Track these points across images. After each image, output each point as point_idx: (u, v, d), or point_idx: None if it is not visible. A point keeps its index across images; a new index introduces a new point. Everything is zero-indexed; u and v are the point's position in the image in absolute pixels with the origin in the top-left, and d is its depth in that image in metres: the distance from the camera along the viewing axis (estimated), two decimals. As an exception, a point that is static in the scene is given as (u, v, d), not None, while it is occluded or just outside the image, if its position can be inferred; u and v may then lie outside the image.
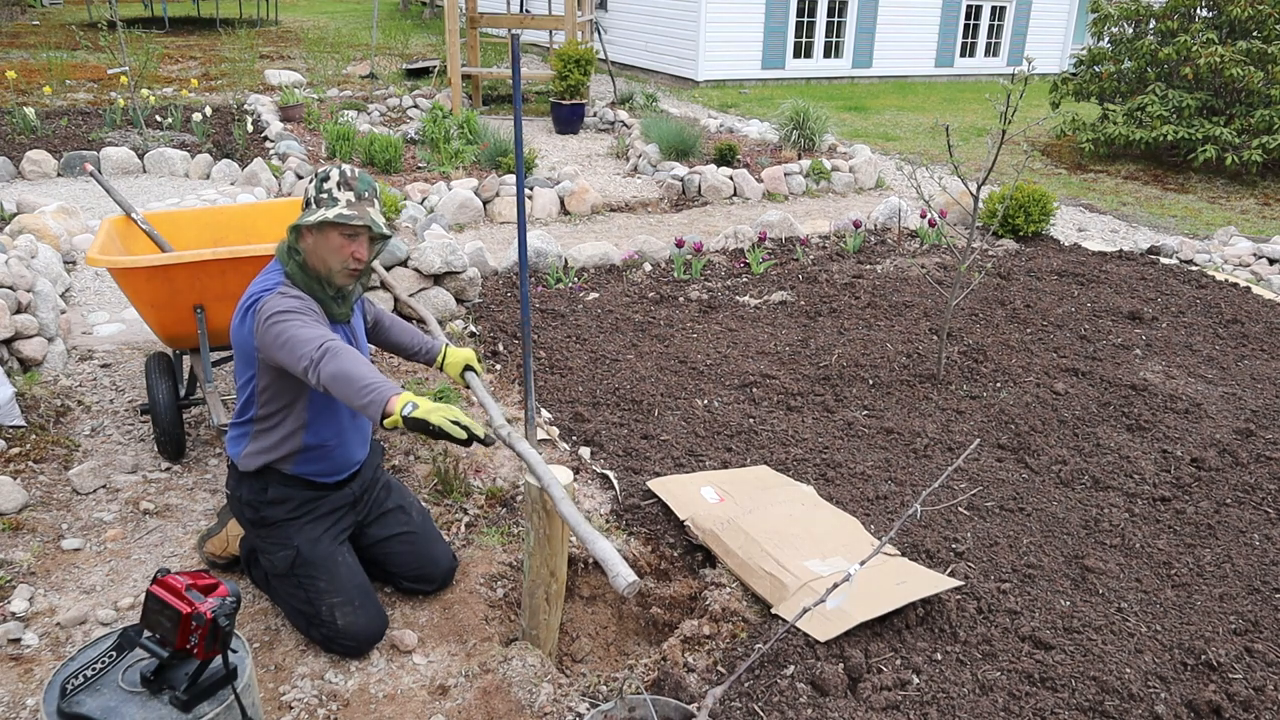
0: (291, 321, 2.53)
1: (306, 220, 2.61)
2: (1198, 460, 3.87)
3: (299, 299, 2.61)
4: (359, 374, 2.38)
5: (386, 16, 21.46)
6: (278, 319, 2.53)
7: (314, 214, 2.61)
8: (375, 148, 8.06)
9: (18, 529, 3.18)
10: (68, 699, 1.98)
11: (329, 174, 2.65)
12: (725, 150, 8.70)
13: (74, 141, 8.36)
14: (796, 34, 15.02)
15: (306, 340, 2.47)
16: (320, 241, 2.63)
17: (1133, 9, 10.64)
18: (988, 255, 6.67)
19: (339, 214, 2.59)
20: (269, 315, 2.54)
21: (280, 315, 2.53)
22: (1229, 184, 9.55)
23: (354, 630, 2.68)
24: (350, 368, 2.40)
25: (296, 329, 2.51)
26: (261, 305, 2.58)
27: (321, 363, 2.41)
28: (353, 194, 2.63)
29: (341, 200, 2.61)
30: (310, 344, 2.46)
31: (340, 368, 2.40)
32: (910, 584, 2.80)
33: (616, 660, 2.97)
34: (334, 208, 2.59)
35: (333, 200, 2.61)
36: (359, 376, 2.37)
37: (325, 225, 2.60)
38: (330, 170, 2.66)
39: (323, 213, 2.59)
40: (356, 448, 2.89)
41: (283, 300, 2.58)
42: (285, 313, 2.54)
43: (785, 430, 4.01)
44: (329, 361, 2.41)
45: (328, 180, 2.63)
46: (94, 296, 5.35)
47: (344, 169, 2.66)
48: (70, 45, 13.72)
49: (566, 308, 5.34)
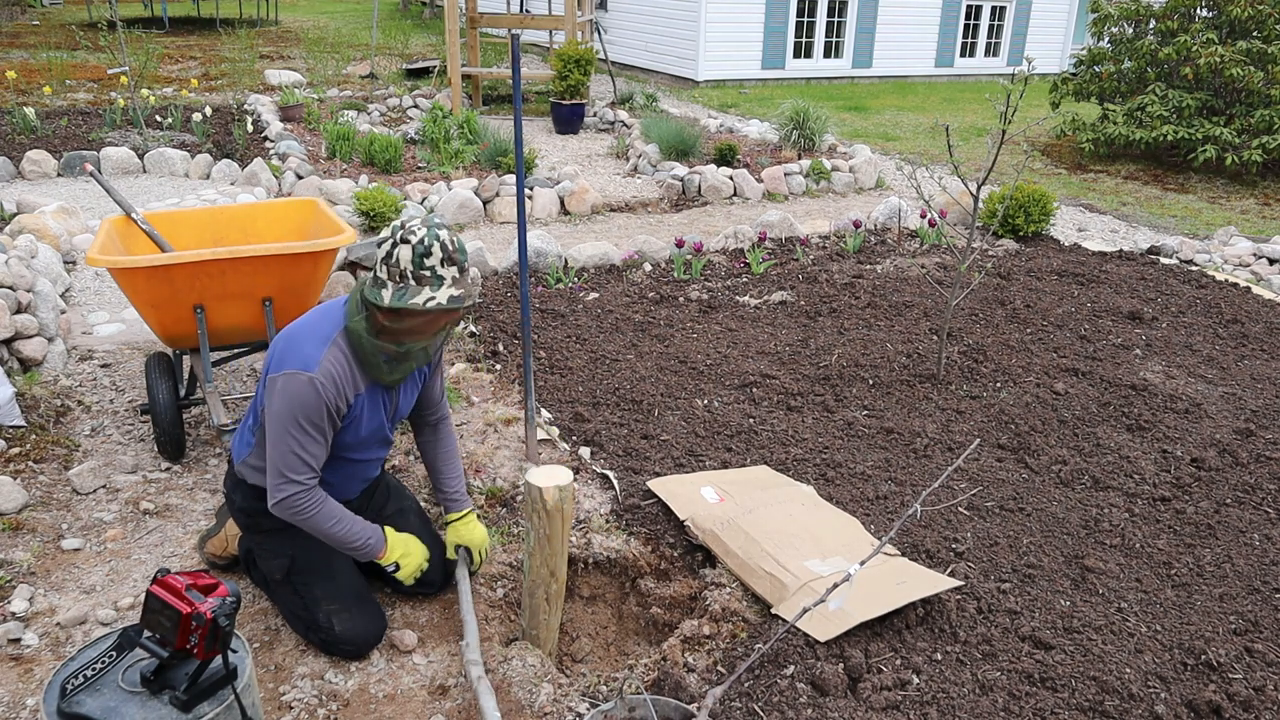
0: (292, 434, 2.43)
1: (412, 303, 2.34)
2: (1198, 460, 3.87)
3: (327, 391, 2.43)
4: (342, 534, 2.58)
5: (386, 16, 21.46)
6: (284, 421, 2.42)
7: (418, 294, 2.35)
8: (375, 148, 8.06)
9: (18, 529, 3.18)
10: (68, 699, 1.98)
11: (429, 248, 2.34)
12: (725, 150, 8.70)
13: (74, 141, 8.36)
14: (796, 34, 15.02)
15: (285, 467, 2.45)
16: (422, 321, 2.42)
17: (1133, 9, 10.64)
18: (988, 255, 6.67)
19: (451, 298, 2.37)
20: (285, 406, 2.41)
21: (287, 419, 2.42)
22: (1229, 184, 9.55)
23: (352, 636, 2.68)
24: (324, 528, 2.55)
25: (288, 445, 2.44)
26: (286, 382, 2.41)
27: (288, 508, 2.50)
28: (456, 269, 2.38)
29: (448, 278, 2.37)
30: (286, 473, 2.46)
31: (314, 526, 2.54)
32: (910, 584, 2.80)
33: (616, 660, 2.97)
34: (441, 287, 2.36)
35: (438, 279, 2.36)
36: (343, 535, 2.58)
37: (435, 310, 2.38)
38: (430, 242, 2.34)
39: (432, 295, 2.35)
40: (356, 487, 2.86)
41: (304, 394, 2.40)
42: (292, 420, 2.42)
43: (785, 430, 4.01)
44: (299, 514, 2.51)
45: (429, 256, 2.34)
46: (94, 296, 5.35)
47: (444, 240, 2.36)
48: (70, 45, 13.72)
49: (566, 308, 5.34)
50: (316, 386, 2.42)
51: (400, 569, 2.71)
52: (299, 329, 2.52)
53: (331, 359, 2.46)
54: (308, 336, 2.48)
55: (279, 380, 2.43)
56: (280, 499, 2.49)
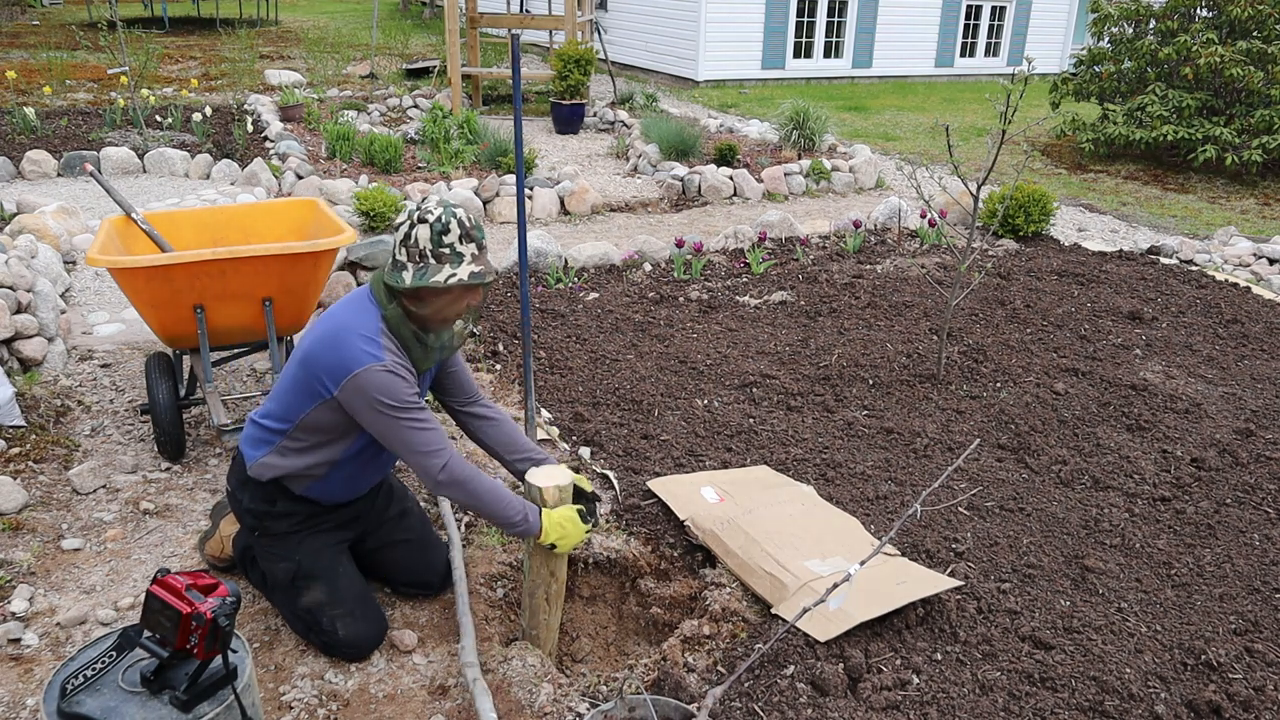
0: (406, 422, 2.42)
1: (433, 281, 2.37)
2: (1198, 460, 3.87)
3: (403, 376, 2.44)
4: (504, 505, 2.51)
5: (386, 16, 21.46)
6: (392, 416, 2.41)
7: (439, 272, 2.38)
8: (375, 148, 8.06)
9: (18, 529, 3.18)
10: (68, 699, 1.98)
11: (447, 225, 2.37)
12: (725, 150, 8.70)
13: (74, 141, 8.36)
14: (796, 34, 15.02)
15: (423, 450, 2.44)
16: (444, 300, 2.45)
17: (1133, 9, 10.64)
18: (988, 255, 6.67)
19: (472, 274, 2.40)
20: (378, 405, 2.40)
21: (393, 413, 2.41)
22: (1229, 184, 9.55)
23: (355, 639, 2.68)
24: (490, 499, 2.50)
25: (411, 433, 2.43)
26: (365, 382, 2.39)
27: (447, 483, 2.47)
28: (475, 246, 2.42)
29: (467, 255, 2.40)
30: (429, 457, 2.44)
31: (482, 503, 2.50)
32: (910, 584, 2.80)
33: (616, 660, 2.97)
34: (461, 264, 2.39)
35: (457, 256, 2.39)
36: (504, 510, 2.51)
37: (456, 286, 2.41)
38: (447, 220, 2.38)
39: (453, 272, 2.38)
40: (373, 479, 2.84)
41: (392, 384, 2.40)
42: (397, 409, 2.41)
43: (785, 430, 4.01)
44: (457, 485, 2.48)
45: (447, 233, 2.37)
46: (94, 296, 5.35)
47: (460, 217, 2.40)
48: (70, 45, 13.72)
49: (566, 308, 5.34)
50: (395, 372, 2.42)
51: (558, 546, 2.57)
52: (338, 331, 2.46)
53: (389, 347, 2.46)
54: (354, 336, 2.44)
55: (352, 384, 2.40)
56: (440, 480, 2.46)
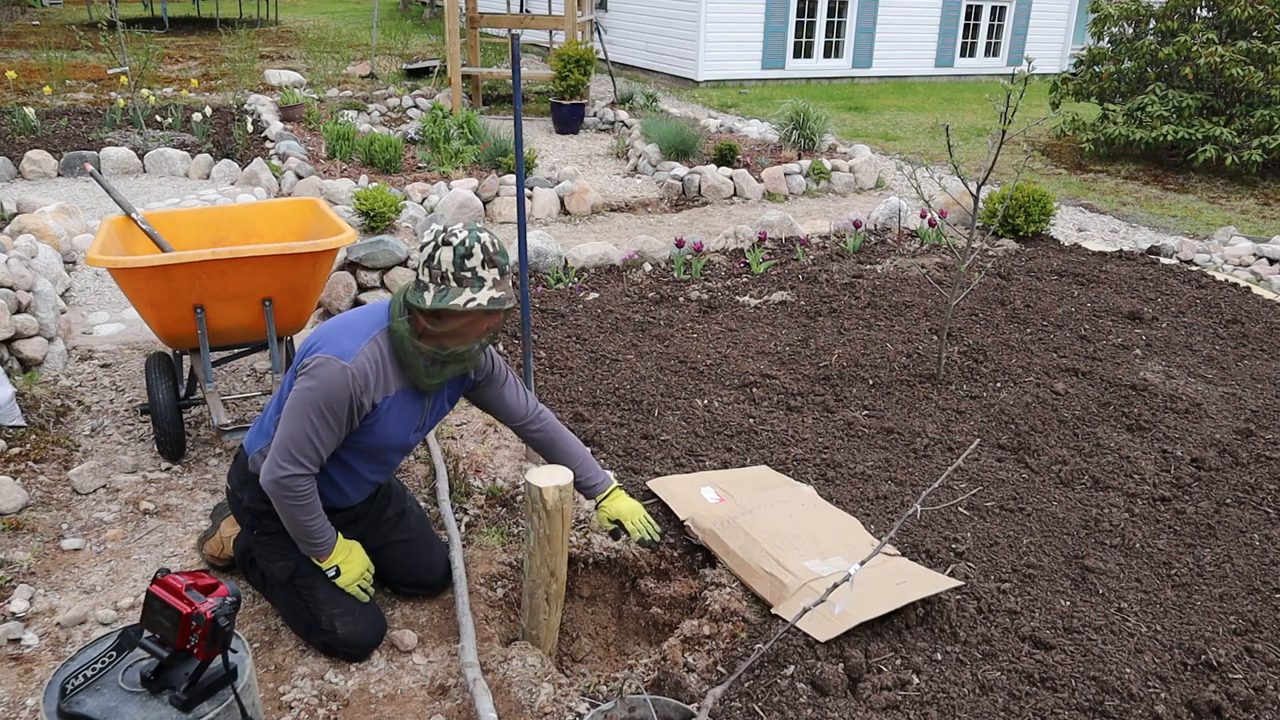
0: (307, 417, 2.43)
1: (453, 305, 2.36)
2: (1198, 460, 3.87)
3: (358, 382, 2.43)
4: (301, 529, 2.60)
5: (386, 16, 21.46)
6: (303, 403, 2.42)
7: (459, 295, 2.36)
8: (375, 148, 8.06)
9: (18, 529, 3.18)
10: (68, 699, 1.98)
11: (470, 249, 2.36)
12: (725, 150, 8.70)
13: (74, 141, 8.36)
14: (796, 34, 15.02)
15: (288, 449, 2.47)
16: (462, 323, 2.43)
17: (1133, 9, 10.64)
18: (988, 255, 6.67)
19: (492, 299, 2.38)
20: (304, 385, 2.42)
21: (307, 402, 2.42)
22: (1229, 184, 9.55)
23: (354, 638, 2.68)
24: (293, 517, 2.56)
25: (299, 428, 2.44)
26: (315, 364, 2.42)
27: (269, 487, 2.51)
28: (498, 271, 2.40)
29: (488, 280, 2.38)
30: (286, 455, 2.47)
31: (286, 509, 2.56)
32: (910, 584, 2.80)
33: (616, 660, 2.97)
34: (481, 289, 2.37)
35: (479, 281, 2.37)
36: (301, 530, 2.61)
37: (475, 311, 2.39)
38: (471, 244, 2.37)
39: (472, 297, 2.37)
40: (365, 491, 2.84)
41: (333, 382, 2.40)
42: (312, 405, 2.42)
43: (785, 430, 4.01)
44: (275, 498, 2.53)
45: (470, 257, 2.36)
46: (94, 296, 5.36)
47: (485, 242, 2.38)
48: (70, 45, 13.72)
49: (566, 308, 5.34)
50: (348, 376, 2.43)
51: (340, 574, 2.71)
52: (339, 324, 2.53)
53: (368, 354, 2.47)
54: (348, 331, 2.50)
55: (312, 362, 2.44)
56: (278, 477, 2.49)
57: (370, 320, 2.54)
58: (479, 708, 2.39)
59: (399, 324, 2.48)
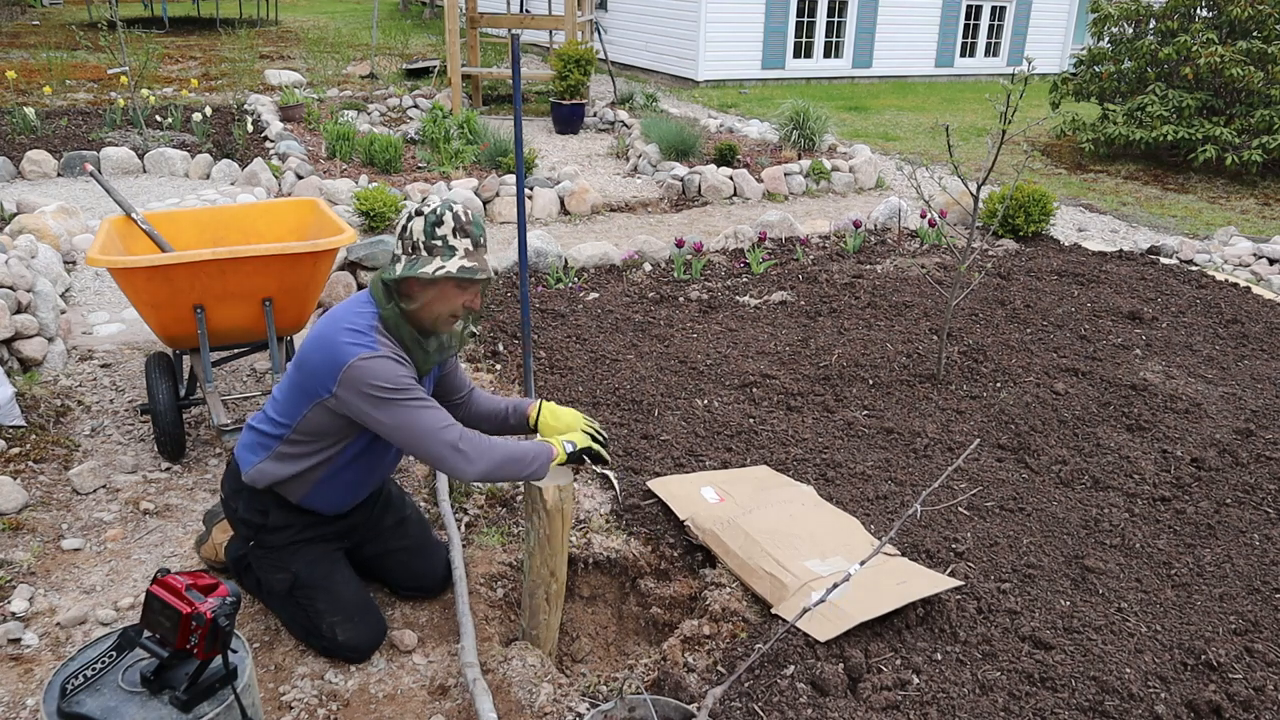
0: (408, 404, 2.33)
1: (420, 272, 2.34)
2: (1198, 460, 3.87)
3: (397, 360, 2.39)
4: (518, 454, 2.45)
5: (386, 16, 21.46)
6: (390, 400, 2.32)
7: (428, 264, 2.35)
8: (375, 148, 8.06)
9: (18, 529, 3.18)
10: (68, 699, 1.98)
11: (441, 217, 2.36)
12: (725, 150, 8.70)
13: (74, 141, 8.36)
14: (796, 34, 15.02)
15: (433, 429, 2.34)
16: (433, 294, 2.41)
17: (1133, 9, 10.64)
18: (988, 255, 6.67)
19: (461, 268, 2.36)
20: (374, 391, 2.32)
21: (392, 395, 2.32)
22: (1229, 184, 9.55)
23: (354, 643, 2.67)
24: (506, 453, 2.43)
25: (416, 414, 2.34)
26: (359, 372, 2.33)
27: (472, 457, 2.38)
28: (470, 241, 2.38)
29: (459, 249, 2.37)
30: (440, 433, 2.35)
31: (500, 458, 2.42)
32: (910, 584, 2.80)
33: (616, 660, 2.97)
34: (452, 258, 2.36)
35: (449, 250, 2.35)
36: (520, 456, 2.45)
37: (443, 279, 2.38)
38: (442, 212, 2.36)
39: (441, 265, 2.35)
40: (371, 488, 2.81)
41: (384, 368, 2.33)
42: (396, 391, 2.33)
43: (785, 430, 4.01)
44: (480, 456, 2.39)
45: (441, 225, 2.35)
46: (94, 296, 5.36)
47: (457, 211, 2.37)
48: (70, 45, 13.72)
49: (566, 308, 5.34)
50: (388, 357, 2.38)
51: (576, 446, 2.56)
52: (327, 329, 2.43)
53: (381, 340, 2.42)
54: (343, 332, 2.41)
55: (347, 376, 2.35)
56: (462, 448, 2.39)
57: (358, 313, 2.46)
58: (479, 708, 2.39)
59: (389, 310, 2.44)
